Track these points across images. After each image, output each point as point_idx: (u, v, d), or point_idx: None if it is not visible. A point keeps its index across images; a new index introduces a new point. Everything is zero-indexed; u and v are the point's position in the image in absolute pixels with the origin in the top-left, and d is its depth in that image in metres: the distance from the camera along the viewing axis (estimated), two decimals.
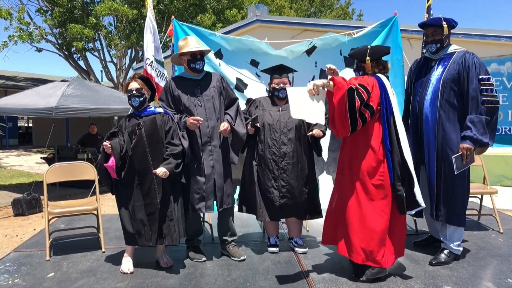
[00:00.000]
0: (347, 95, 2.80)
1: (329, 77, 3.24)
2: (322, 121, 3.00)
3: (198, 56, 3.42)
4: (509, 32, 8.32)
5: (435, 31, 3.36)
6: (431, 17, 4.95)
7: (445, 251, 3.34)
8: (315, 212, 3.61)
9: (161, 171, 3.06)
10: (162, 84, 4.63)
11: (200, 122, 3.26)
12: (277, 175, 3.44)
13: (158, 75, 4.60)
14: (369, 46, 3.19)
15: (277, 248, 3.66)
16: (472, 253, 3.55)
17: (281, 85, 3.56)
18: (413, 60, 5.85)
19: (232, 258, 3.54)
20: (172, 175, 3.12)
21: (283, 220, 3.87)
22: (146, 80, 3.36)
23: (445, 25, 3.29)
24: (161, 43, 4.97)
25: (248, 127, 3.50)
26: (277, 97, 3.62)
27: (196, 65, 3.42)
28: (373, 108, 2.89)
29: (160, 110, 3.29)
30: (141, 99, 3.22)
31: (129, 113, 3.39)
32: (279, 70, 3.65)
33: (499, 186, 6.98)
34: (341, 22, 10.64)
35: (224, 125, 3.35)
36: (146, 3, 4.73)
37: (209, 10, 16.13)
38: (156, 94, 3.76)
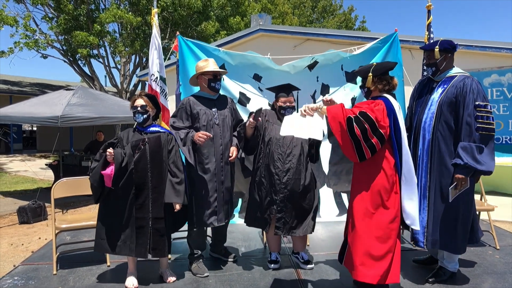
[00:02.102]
0: (346, 126, 2.87)
1: (329, 96, 3.36)
2: (318, 136, 3.08)
3: (218, 77, 3.68)
4: (510, 44, 8.40)
5: (429, 55, 3.39)
6: (431, 35, 5.03)
7: (442, 269, 3.41)
8: (310, 229, 3.59)
9: (180, 207, 3.29)
10: (164, 102, 4.71)
11: (209, 137, 3.40)
12: (277, 189, 3.47)
13: (161, 92, 4.69)
14: (375, 63, 3.21)
15: (278, 264, 3.74)
16: (468, 270, 3.62)
17: (288, 104, 3.60)
18: (415, 70, 5.97)
19: (223, 258, 3.92)
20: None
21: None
22: (152, 98, 3.48)
23: (436, 49, 3.30)
24: (164, 49, 5.04)
25: (250, 119, 3.47)
26: (283, 116, 3.58)
27: (216, 84, 3.66)
28: (382, 134, 2.89)
29: (164, 130, 3.45)
30: (145, 116, 3.36)
31: (134, 126, 3.48)
32: (286, 89, 3.69)
33: (497, 196, 7.06)
34: (344, 32, 10.73)
35: (233, 153, 3.59)
36: (152, 21, 4.83)
37: (212, 17, 16.26)
38: (161, 113, 3.87)
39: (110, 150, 3.19)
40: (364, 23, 30.93)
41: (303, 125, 3.05)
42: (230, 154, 3.60)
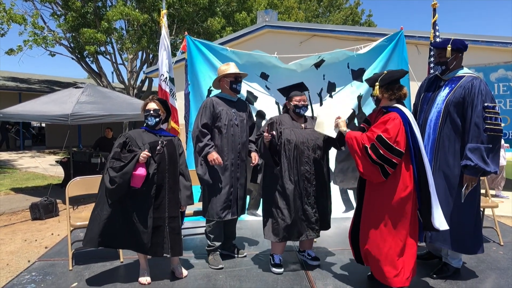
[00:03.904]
0: (366, 154, 3.02)
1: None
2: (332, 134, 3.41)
3: (239, 79, 3.91)
4: None
5: (441, 53, 3.39)
6: (437, 33, 5.07)
7: (446, 265, 3.48)
8: (328, 225, 3.69)
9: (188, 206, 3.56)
10: (172, 102, 4.82)
11: (221, 164, 3.67)
12: (310, 193, 3.49)
13: (169, 91, 4.79)
14: (385, 72, 3.23)
15: (282, 269, 3.64)
16: (472, 266, 3.70)
17: (302, 102, 3.62)
18: (421, 65, 6.02)
19: (232, 254, 4.04)
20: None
21: None
22: (163, 102, 3.61)
23: (448, 48, 3.31)
24: (170, 45, 5.12)
25: (265, 134, 3.43)
26: (298, 114, 3.66)
27: (237, 86, 3.89)
28: (399, 151, 2.94)
29: (173, 135, 3.67)
30: (157, 119, 3.49)
31: (143, 128, 3.54)
32: (300, 88, 3.73)
33: (505, 192, 7.11)
34: (350, 28, 10.72)
35: (256, 158, 3.82)
36: (160, 22, 4.92)
37: (218, 13, 16.28)
38: (171, 116, 3.99)
39: (147, 152, 3.27)
40: (371, 17, 30.78)
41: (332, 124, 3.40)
42: (253, 161, 3.82)
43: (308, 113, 3.84)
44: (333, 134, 3.41)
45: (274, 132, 3.49)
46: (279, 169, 3.52)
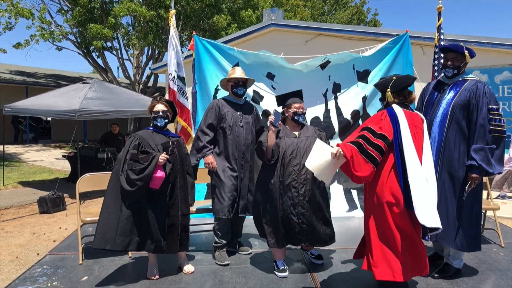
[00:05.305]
0: (358, 150, 3.01)
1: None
2: (327, 181, 3.11)
3: (240, 83, 4.02)
4: None
5: (456, 57, 3.48)
6: (441, 36, 5.11)
7: (447, 265, 3.56)
8: (331, 239, 3.63)
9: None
10: (183, 101, 4.91)
11: (214, 168, 3.85)
12: (296, 202, 3.43)
13: (179, 90, 4.87)
14: (394, 77, 3.28)
15: (287, 273, 3.62)
16: (473, 267, 3.77)
17: (301, 110, 3.62)
18: (426, 66, 6.07)
19: (240, 253, 4.15)
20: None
21: None
22: (171, 103, 3.72)
23: (467, 53, 3.42)
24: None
25: (271, 124, 3.48)
26: (296, 122, 3.64)
27: (237, 90, 4.01)
28: (384, 136, 3.03)
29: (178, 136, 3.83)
30: (166, 120, 3.59)
31: (150, 129, 3.59)
32: (300, 95, 3.76)
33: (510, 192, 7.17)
34: (355, 27, 10.74)
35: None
36: (169, 22, 4.99)
37: (224, 10, 16.32)
38: (178, 115, 4.12)
39: (166, 156, 3.37)
40: (377, 16, 30.69)
41: (325, 166, 3.03)
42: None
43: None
44: (321, 176, 3.08)
45: (280, 123, 3.55)
46: (268, 177, 3.54)
